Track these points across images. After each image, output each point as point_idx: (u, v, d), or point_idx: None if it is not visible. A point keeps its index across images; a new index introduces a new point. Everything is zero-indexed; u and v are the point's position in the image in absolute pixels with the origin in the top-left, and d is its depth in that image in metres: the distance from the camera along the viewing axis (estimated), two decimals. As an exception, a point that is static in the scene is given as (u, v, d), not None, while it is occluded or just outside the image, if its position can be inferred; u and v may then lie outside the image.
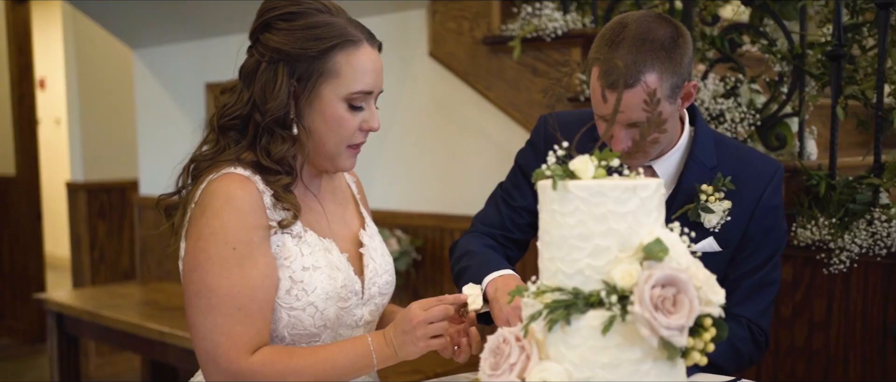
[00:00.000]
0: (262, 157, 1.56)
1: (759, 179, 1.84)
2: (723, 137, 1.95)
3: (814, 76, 2.51)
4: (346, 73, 1.56)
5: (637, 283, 1.22)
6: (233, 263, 1.49)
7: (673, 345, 1.21)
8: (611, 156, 1.32)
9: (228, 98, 1.61)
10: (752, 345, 1.82)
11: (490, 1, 3.16)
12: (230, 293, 1.48)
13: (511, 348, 1.30)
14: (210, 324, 1.49)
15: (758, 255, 1.84)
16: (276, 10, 1.56)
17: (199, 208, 1.53)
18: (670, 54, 1.69)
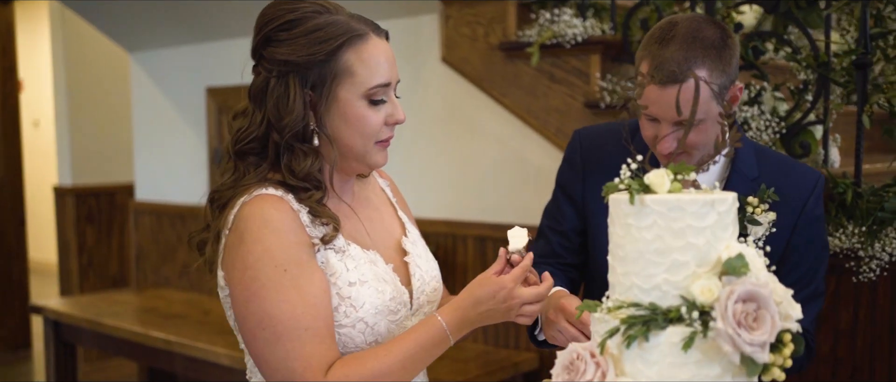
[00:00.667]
0: (288, 176, 1.50)
1: (801, 189, 1.84)
2: (762, 148, 1.94)
3: (839, 84, 2.51)
4: (360, 69, 1.49)
5: (718, 299, 1.21)
6: (288, 285, 1.43)
7: (754, 361, 1.20)
8: (687, 169, 1.31)
9: (241, 122, 1.54)
10: (805, 351, 1.82)
11: (506, 6, 3.14)
12: (294, 316, 1.43)
13: (586, 364, 1.28)
14: (281, 353, 1.43)
15: (803, 265, 1.83)
16: (275, 22, 1.50)
17: (236, 235, 1.46)
18: (720, 53, 1.68)
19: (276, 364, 1.43)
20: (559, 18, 2.98)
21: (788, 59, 2.59)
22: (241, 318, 1.46)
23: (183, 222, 4.52)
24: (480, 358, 3.09)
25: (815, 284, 1.84)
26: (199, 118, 4.40)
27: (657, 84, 1.68)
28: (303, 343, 1.42)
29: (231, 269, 1.46)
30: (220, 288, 1.53)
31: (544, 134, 3.09)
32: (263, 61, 1.51)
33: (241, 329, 1.48)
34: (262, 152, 1.52)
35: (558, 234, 1.98)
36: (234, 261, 1.45)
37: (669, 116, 1.69)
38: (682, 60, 1.67)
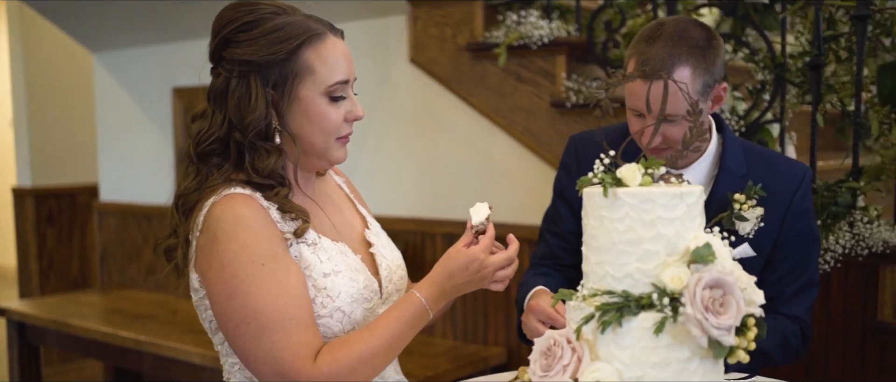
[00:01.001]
0: (252, 175, 1.53)
1: (788, 184, 1.92)
2: (750, 145, 2.01)
3: (794, 84, 2.62)
4: (320, 67, 1.53)
5: (687, 286, 1.28)
6: (267, 278, 1.46)
7: (721, 344, 1.27)
8: (657, 164, 1.38)
9: (201, 124, 1.56)
10: (800, 339, 1.92)
11: (473, 8, 3.21)
12: (276, 308, 1.45)
13: (563, 349, 1.35)
14: (268, 345, 1.45)
15: (794, 256, 1.91)
16: (234, 23, 1.52)
17: (209, 236, 1.47)
18: (704, 53, 1.77)
19: (264, 356, 1.45)
20: (525, 20, 3.05)
21: (746, 60, 2.69)
22: (224, 316, 1.47)
23: (149, 222, 4.51)
24: (450, 353, 3.15)
25: (808, 274, 1.93)
26: (165, 118, 4.39)
27: (642, 78, 1.77)
28: (288, 332, 1.45)
29: (208, 270, 1.47)
30: (194, 291, 1.55)
31: (511, 133, 3.16)
32: (223, 62, 1.53)
33: (224, 327, 1.49)
34: (224, 153, 1.54)
35: (557, 236, 2.05)
36: (210, 261, 1.47)
37: (654, 110, 1.76)
38: (667, 57, 1.76)
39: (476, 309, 3.28)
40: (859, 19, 2.45)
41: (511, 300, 3.20)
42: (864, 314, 2.42)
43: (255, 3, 1.55)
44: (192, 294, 1.57)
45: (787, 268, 1.90)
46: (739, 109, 2.68)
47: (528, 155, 3.13)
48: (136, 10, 4.07)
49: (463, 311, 3.32)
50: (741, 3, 2.64)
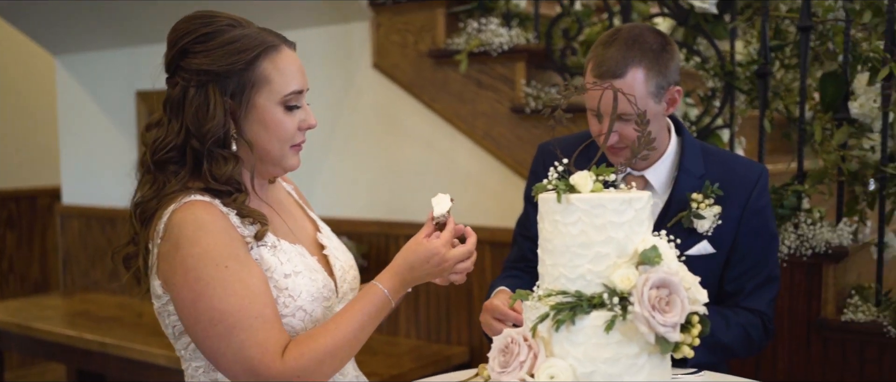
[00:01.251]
0: (210, 181, 1.56)
1: (745, 183, 2.01)
2: (708, 146, 2.10)
3: (743, 91, 2.73)
4: (276, 77, 1.58)
5: (636, 286, 1.36)
6: (232, 279, 1.49)
7: (667, 340, 1.36)
8: (607, 172, 1.46)
9: (158, 133, 1.59)
10: (762, 332, 2.01)
11: (435, 16, 3.28)
12: (242, 307, 1.49)
13: (519, 347, 1.42)
14: (236, 344, 1.48)
15: (753, 253, 2.00)
16: (191, 35, 1.56)
17: (170, 243, 1.50)
18: (657, 57, 1.87)
19: (233, 355, 1.49)
20: (486, 28, 3.13)
21: (698, 67, 2.80)
22: (191, 319, 1.50)
23: (113, 225, 4.52)
24: (413, 352, 3.21)
25: (768, 270, 2.02)
26: (129, 122, 4.41)
27: (597, 77, 1.87)
28: (255, 330, 1.49)
29: (171, 275, 1.51)
30: (156, 297, 1.57)
31: (472, 137, 3.24)
32: (181, 72, 1.56)
33: (192, 330, 1.52)
34: (180, 161, 1.57)
35: (527, 239, 2.14)
36: (173, 267, 1.50)
37: (608, 110, 1.84)
38: (621, 59, 1.86)
39: (439, 310, 3.35)
40: (803, 30, 2.57)
41: (473, 300, 3.28)
42: (808, 312, 2.54)
43: (212, 15, 1.60)
44: (154, 301, 1.59)
45: (748, 264, 1.99)
46: (691, 114, 2.78)
47: (488, 159, 3.21)
48: (99, 14, 4.08)
49: (426, 311, 3.39)
50: (692, 13, 2.75)
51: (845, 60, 2.54)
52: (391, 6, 3.37)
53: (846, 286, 2.58)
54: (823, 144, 2.56)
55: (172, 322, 1.59)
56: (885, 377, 2.42)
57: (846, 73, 2.54)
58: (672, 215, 1.97)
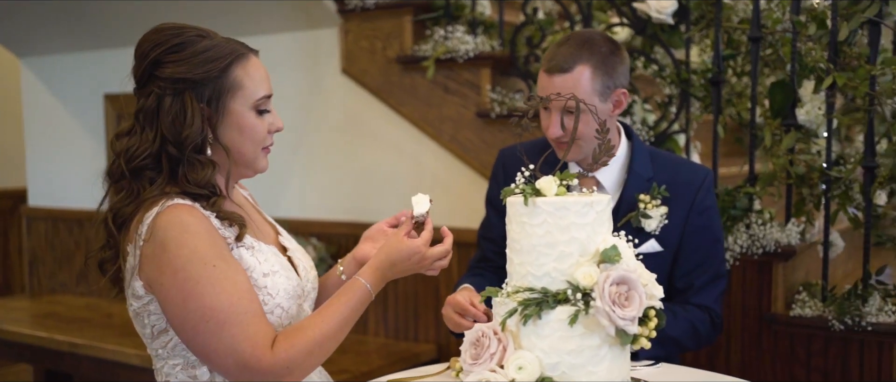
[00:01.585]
0: (188, 186, 1.61)
1: (690, 185, 2.14)
2: (656, 150, 2.23)
3: (698, 98, 2.86)
4: (248, 83, 1.65)
5: (597, 282, 1.47)
6: (220, 277, 1.55)
7: (626, 333, 1.47)
8: (570, 176, 1.57)
9: (131, 141, 1.62)
10: (709, 326, 2.12)
11: (402, 23, 3.37)
12: (231, 303, 1.54)
13: (490, 340, 1.53)
14: (228, 339, 1.54)
15: (700, 251, 2.12)
16: (163, 46, 1.61)
17: (156, 245, 1.54)
18: (605, 59, 2.01)
19: (225, 350, 1.54)
20: (452, 35, 3.23)
21: (655, 75, 2.93)
22: (181, 318, 1.55)
23: (81, 227, 4.54)
24: (382, 350, 3.31)
25: (715, 267, 2.14)
26: (97, 125, 4.43)
27: (546, 73, 2.01)
28: (245, 325, 1.55)
29: (159, 276, 1.55)
30: (136, 298, 1.61)
31: (439, 141, 3.34)
32: (156, 81, 1.61)
33: (181, 329, 1.57)
34: (156, 167, 1.63)
35: (489, 241, 2.25)
36: (161, 268, 1.54)
37: (557, 103, 1.98)
38: (569, 55, 2.01)
39: (407, 309, 3.45)
40: (753, 40, 2.71)
41: (440, 300, 3.38)
42: (759, 308, 2.68)
43: (180, 26, 1.66)
44: (132, 302, 1.63)
45: (695, 261, 2.12)
46: (649, 120, 2.91)
47: (455, 162, 3.31)
48: (67, 16, 4.11)
49: (395, 311, 3.49)
50: (650, 23, 2.88)
51: (793, 69, 2.68)
52: (360, 13, 3.46)
53: (794, 282, 2.73)
54: (773, 148, 2.70)
55: (152, 322, 1.62)
56: (830, 367, 2.57)
57: (793, 81, 2.68)
58: (622, 215, 2.09)
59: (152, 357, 1.70)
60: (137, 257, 1.58)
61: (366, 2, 3.41)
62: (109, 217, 1.63)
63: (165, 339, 1.64)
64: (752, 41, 2.72)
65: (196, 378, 1.66)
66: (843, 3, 2.61)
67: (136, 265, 1.58)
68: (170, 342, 1.63)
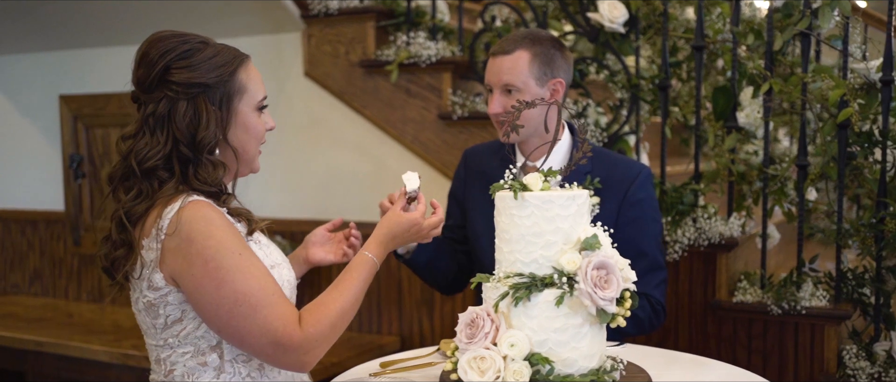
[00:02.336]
0: (199, 185, 1.70)
1: (624, 179, 2.32)
2: (597, 148, 2.42)
3: (647, 102, 3.08)
4: (250, 86, 1.77)
5: (580, 267, 1.65)
6: (248, 265, 1.65)
7: (605, 312, 1.65)
8: (552, 173, 1.75)
9: (140, 144, 1.71)
10: (650, 312, 2.28)
11: (365, 28, 3.51)
12: (261, 287, 1.64)
13: (484, 321, 1.69)
14: (261, 321, 1.63)
15: (633, 241, 2.26)
16: (172, 53, 1.70)
17: (182, 238, 1.63)
18: (546, 50, 2.24)
19: (259, 331, 1.64)
20: (414, 40, 3.39)
21: (607, 80, 3.14)
22: (214, 305, 1.64)
23: (35, 228, 4.54)
24: (349, 342, 3.44)
25: (650, 257, 2.30)
26: (52, 125, 4.44)
27: (491, 56, 2.26)
28: (274, 306, 1.65)
29: (188, 267, 1.63)
30: (154, 290, 1.68)
31: (402, 142, 3.49)
32: (170, 86, 1.70)
33: (214, 315, 1.65)
34: (167, 167, 1.73)
35: (447, 228, 2.43)
36: (190, 260, 1.63)
37: (496, 81, 2.24)
38: (512, 40, 2.26)
39: (371, 302, 3.59)
40: (697, 49, 2.93)
41: (402, 293, 3.53)
42: (705, 295, 2.91)
43: (181, 33, 1.77)
44: (147, 293, 1.70)
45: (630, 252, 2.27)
46: (602, 122, 3.12)
47: (417, 162, 3.46)
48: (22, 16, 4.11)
49: (358, 304, 3.62)
50: (602, 32, 3.08)
51: (733, 75, 2.92)
52: (323, 18, 3.59)
53: (736, 271, 2.97)
54: (716, 148, 2.93)
55: (168, 312, 1.70)
56: (769, 349, 2.81)
57: (734, 87, 2.92)
58: None
59: (157, 348, 1.77)
60: (158, 250, 1.66)
61: (329, 7, 3.54)
62: (123, 217, 1.71)
63: (178, 328, 1.72)
64: (695, 50, 2.94)
65: (206, 364, 1.75)
66: (778, 17, 2.85)
67: (156, 258, 1.67)
68: (183, 330, 1.72)
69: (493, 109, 2.25)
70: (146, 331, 1.78)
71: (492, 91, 2.26)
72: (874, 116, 2.70)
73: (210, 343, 1.74)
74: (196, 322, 1.71)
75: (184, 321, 1.72)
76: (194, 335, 1.73)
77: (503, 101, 2.24)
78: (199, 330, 1.72)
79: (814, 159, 2.82)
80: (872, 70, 2.70)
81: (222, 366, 1.75)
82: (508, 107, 2.21)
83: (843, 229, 2.71)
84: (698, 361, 2.05)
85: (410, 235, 1.93)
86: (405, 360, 2.00)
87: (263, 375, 1.78)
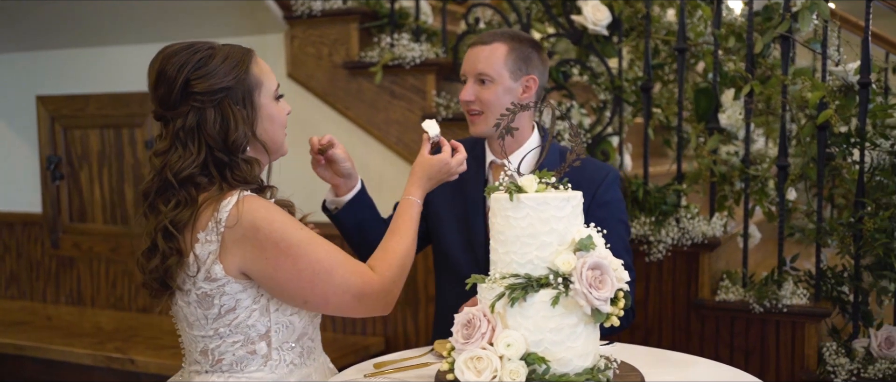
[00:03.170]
0: (238, 184, 1.78)
1: (593, 181, 2.34)
2: (566, 149, 2.44)
3: (630, 103, 3.12)
4: (264, 78, 1.85)
5: (575, 268, 1.67)
6: (309, 236, 1.78)
7: (600, 311, 1.68)
8: (548, 175, 1.77)
9: (173, 157, 1.76)
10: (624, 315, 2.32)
11: (349, 30, 3.52)
12: (330, 252, 1.78)
13: (480, 321, 1.70)
14: (339, 280, 1.77)
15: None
16: (188, 65, 1.75)
17: (246, 228, 1.71)
18: (523, 48, 2.29)
19: (341, 290, 1.78)
20: (398, 42, 3.40)
21: (590, 82, 3.17)
22: (295, 279, 1.75)
23: (11, 230, 4.49)
24: (334, 344, 3.44)
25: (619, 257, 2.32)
26: (29, 126, 4.40)
27: (469, 47, 2.31)
28: (346, 264, 1.79)
29: (259, 253, 1.73)
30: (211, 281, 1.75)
31: (385, 143, 3.50)
32: (193, 98, 1.75)
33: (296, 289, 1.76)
34: (205, 173, 1.78)
35: None
36: (260, 246, 1.72)
37: (471, 69, 2.29)
38: (491, 34, 2.32)
39: (355, 303, 3.58)
40: (679, 51, 2.98)
41: (386, 293, 3.54)
42: (688, 294, 2.95)
43: (189, 44, 1.81)
44: (202, 285, 1.76)
45: None
46: (585, 123, 3.15)
47: (401, 163, 3.48)
48: None
49: (341, 306, 3.62)
50: (585, 35, 3.12)
51: (715, 78, 2.96)
52: (306, 20, 3.59)
53: (718, 271, 3.01)
54: (698, 149, 2.98)
55: (223, 302, 1.78)
56: (751, 346, 2.86)
57: (715, 89, 2.96)
58: None
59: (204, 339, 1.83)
60: (218, 242, 1.73)
61: (312, 9, 3.54)
62: (168, 224, 1.75)
63: (231, 317, 1.80)
64: (677, 52, 2.99)
65: (255, 352, 1.84)
66: (758, 20, 2.90)
67: (216, 250, 1.74)
68: (235, 319, 1.81)
69: (464, 96, 2.30)
70: (194, 323, 1.84)
71: (466, 81, 2.32)
72: (852, 117, 2.76)
73: (259, 332, 1.83)
74: (247, 312, 1.80)
75: (237, 310, 1.80)
76: (245, 324, 1.81)
77: (476, 89, 2.29)
78: (250, 319, 1.81)
79: (793, 159, 2.87)
80: (850, 73, 2.75)
81: (269, 354, 1.85)
82: (481, 96, 2.28)
83: (823, 228, 2.77)
84: (686, 359, 2.08)
85: (442, 174, 2.07)
86: (399, 361, 2.01)
87: (304, 362, 1.90)
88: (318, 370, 1.97)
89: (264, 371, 1.85)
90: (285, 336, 1.87)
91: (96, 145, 4.23)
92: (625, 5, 3.07)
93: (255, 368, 1.84)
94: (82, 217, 4.32)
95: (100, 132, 4.21)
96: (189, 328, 1.85)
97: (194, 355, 1.88)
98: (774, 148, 3.45)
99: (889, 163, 2.69)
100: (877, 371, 2.65)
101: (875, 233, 2.62)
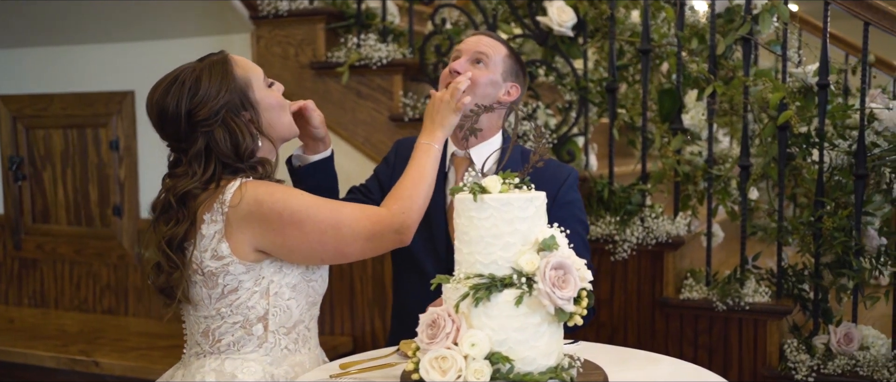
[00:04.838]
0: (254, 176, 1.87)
1: (553, 181, 2.36)
2: (528, 150, 2.46)
3: (595, 104, 3.15)
4: (249, 73, 1.90)
5: (538, 268, 1.69)
6: (309, 198, 1.85)
7: (564, 311, 1.69)
8: (511, 176, 1.79)
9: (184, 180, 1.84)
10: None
11: (315, 30, 3.51)
12: (332, 209, 1.85)
13: (445, 321, 1.72)
14: (346, 230, 1.83)
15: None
16: (183, 98, 1.83)
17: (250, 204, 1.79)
18: (518, 62, 2.33)
19: (352, 238, 1.85)
20: (365, 43, 3.40)
21: (556, 82, 3.19)
22: (305, 243, 1.83)
23: (-28, 232, 4.43)
24: (301, 344, 3.43)
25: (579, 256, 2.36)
26: (-10, 127, 4.34)
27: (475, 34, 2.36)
28: (351, 213, 1.86)
29: (267, 225, 1.80)
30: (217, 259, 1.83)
31: (353, 144, 3.50)
32: (201, 125, 1.83)
33: (307, 251, 1.85)
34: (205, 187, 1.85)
35: (359, 192, 2.48)
36: (265, 219, 1.80)
37: (470, 48, 2.30)
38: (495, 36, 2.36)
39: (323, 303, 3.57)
40: (643, 52, 3.01)
41: (354, 294, 3.54)
42: (653, 293, 2.98)
43: (173, 74, 1.88)
44: (208, 264, 1.83)
45: None
46: (551, 123, 3.18)
47: (369, 164, 3.47)
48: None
49: (309, 306, 3.61)
50: (551, 36, 3.14)
51: (678, 78, 3.00)
52: (272, 20, 3.57)
53: (682, 269, 3.05)
54: (662, 149, 3.01)
55: (226, 282, 1.85)
56: (715, 344, 2.90)
57: (679, 90, 3.00)
58: None
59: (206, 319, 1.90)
60: (223, 221, 1.81)
61: (278, 9, 3.53)
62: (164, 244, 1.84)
63: (233, 298, 1.87)
64: (641, 53, 3.02)
65: (252, 334, 1.91)
66: (721, 22, 2.95)
67: (221, 229, 1.81)
68: (237, 300, 1.87)
69: (456, 66, 2.27)
70: (198, 303, 1.91)
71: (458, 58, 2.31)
72: (811, 118, 2.81)
73: (258, 314, 1.89)
74: (249, 293, 1.87)
75: (239, 290, 1.87)
76: (246, 305, 1.88)
77: (467, 66, 2.28)
78: (251, 301, 1.87)
79: (755, 159, 2.92)
80: (809, 74, 2.80)
81: (265, 336, 1.91)
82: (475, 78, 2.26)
83: (784, 227, 2.81)
84: (650, 357, 2.11)
85: (443, 107, 2.08)
86: (365, 361, 2.02)
87: (299, 348, 1.97)
88: (312, 359, 2.03)
89: (259, 352, 1.91)
90: (282, 320, 1.92)
91: (60, 144, 4.18)
92: (590, 7, 3.10)
93: (251, 349, 1.90)
94: (46, 218, 4.27)
95: (63, 132, 4.16)
96: (194, 309, 1.92)
97: (196, 336, 1.94)
98: (737, 148, 3.50)
99: (847, 163, 2.74)
100: (836, 366, 2.70)
101: (834, 232, 2.67)
